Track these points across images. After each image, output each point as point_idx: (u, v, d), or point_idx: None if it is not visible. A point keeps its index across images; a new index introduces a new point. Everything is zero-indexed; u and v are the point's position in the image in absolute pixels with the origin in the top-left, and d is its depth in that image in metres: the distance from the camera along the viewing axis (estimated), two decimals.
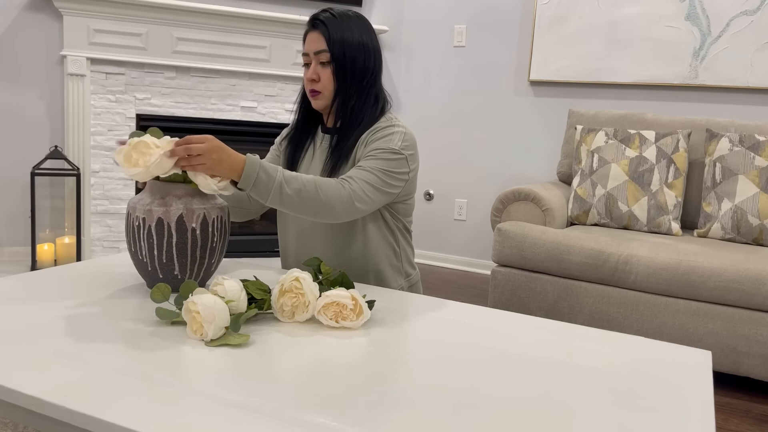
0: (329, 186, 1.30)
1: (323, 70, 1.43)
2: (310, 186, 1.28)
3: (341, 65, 1.42)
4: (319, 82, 1.44)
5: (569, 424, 0.82)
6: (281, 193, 1.25)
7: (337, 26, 1.41)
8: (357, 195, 1.33)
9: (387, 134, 1.42)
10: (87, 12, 3.05)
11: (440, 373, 0.96)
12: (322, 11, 1.44)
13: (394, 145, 1.41)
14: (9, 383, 0.84)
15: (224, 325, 1.03)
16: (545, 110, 3.45)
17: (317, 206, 1.29)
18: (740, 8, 2.90)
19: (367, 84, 1.46)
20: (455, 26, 3.65)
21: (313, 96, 1.46)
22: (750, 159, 2.45)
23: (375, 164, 1.38)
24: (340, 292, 1.12)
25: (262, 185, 1.24)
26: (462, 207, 3.73)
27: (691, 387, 0.97)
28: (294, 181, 1.27)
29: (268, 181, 1.24)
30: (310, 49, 1.44)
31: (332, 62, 1.42)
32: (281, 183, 1.25)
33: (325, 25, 1.41)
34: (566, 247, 2.28)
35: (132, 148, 1.18)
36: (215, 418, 0.78)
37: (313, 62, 1.44)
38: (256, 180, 1.23)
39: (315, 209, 1.29)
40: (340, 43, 1.41)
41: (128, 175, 1.18)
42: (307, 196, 1.27)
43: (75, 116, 3.13)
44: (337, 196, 1.30)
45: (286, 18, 3.32)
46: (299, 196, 1.27)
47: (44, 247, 3.04)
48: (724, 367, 2.10)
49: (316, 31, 1.43)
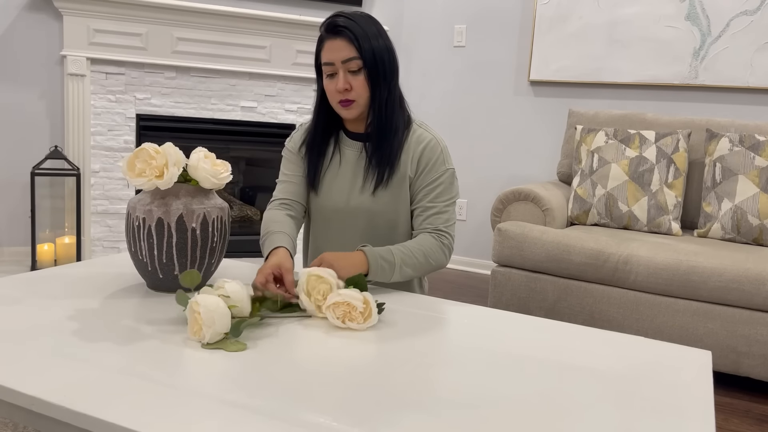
0: (433, 251, 1.43)
1: (354, 78, 1.38)
2: (421, 258, 1.41)
3: (374, 71, 1.39)
4: (352, 91, 1.39)
5: (569, 424, 0.82)
6: (401, 274, 1.38)
7: (360, 31, 1.36)
8: (450, 241, 1.48)
9: (437, 154, 1.48)
10: (87, 12, 3.05)
11: (440, 373, 0.96)
12: (336, 16, 1.39)
13: (449, 164, 1.50)
14: (9, 383, 0.84)
15: (223, 331, 1.02)
16: (545, 110, 3.45)
17: (429, 270, 1.44)
18: (740, 8, 2.90)
19: (395, 85, 1.45)
20: (455, 26, 3.65)
21: (345, 105, 1.41)
22: (750, 159, 2.45)
23: (448, 199, 1.49)
24: (353, 293, 1.12)
25: (386, 274, 1.36)
26: (462, 207, 3.73)
27: (691, 387, 0.97)
28: (408, 258, 1.39)
29: (389, 268, 1.36)
30: (336, 58, 1.37)
31: (365, 69, 1.38)
32: (401, 266, 1.37)
33: (350, 32, 1.36)
34: (566, 247, 2.28)
35: (134, 157, 1.19)
36: (215, 418, 0.78)
37: (341, 71, 1.37)
38: (380, 271, 1.34)
39: (427, 272, 1.45)
40: (369, 49, 1.37)
41: (136, 186, 1.19)
42: (421, 268, 1.42)
43: (75, 116, 3.13)
44: (442, 255, 1.45)
45: (286, 18, 3.32)
46: (415, 270, 1.41)
47: (44, 247, 3.04)
48: (724, 367, 2.10)
49: (339, 38, 1.37)
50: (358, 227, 1.51)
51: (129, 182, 1.19)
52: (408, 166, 1.47)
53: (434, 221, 1.47)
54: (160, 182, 1.17)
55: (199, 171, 1.22)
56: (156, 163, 1.17)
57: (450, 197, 1.50)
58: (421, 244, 1.42)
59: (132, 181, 1.18)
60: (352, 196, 1.50)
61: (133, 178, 1.18)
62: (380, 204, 1.48)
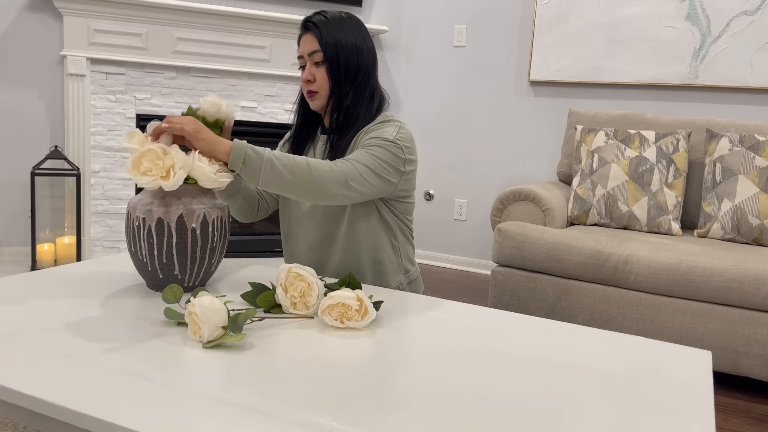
0: (321, 164, 1.29)
1: (318, 70, 1.45)
2: (301, 162, 1.27)
3: (334, 63, 1.44)
4: (315, 82, 1.46)
5: (569, 424, 0.82)
6: (272, 169, 1.24)
7: (328, 27, 1.44)
8: (351, 175, 1.32)
9: (382, 127, 1.45)
10: (87, 12, 3.05)
11: (440, 373, 0.96)
12: (314, 14, 1.47)
13: (389, 135, 1.41)
14: (9, 383, 0.84)
15: (221, 324, 1.02)
16: (545, 110, 3.45)
17: (310, 184, 1.27)
18: (740, 8, 2.90)
19: (362, 81, 1.47)
20: (455, 26, 3.65)
21: (310, 96, 1.48)
22: (750, 159, 2.45)
23: (370, 150, 1.39)
24: (345, 293, 1.12)
25: (252, 163, 1.23)
26: (462, 207, 3.73)
27: (691, 387, 0.97)
28: (284, 158, 1.26)
29: (257, 158, 1.23)
30: (304, 51, 1.46)
31: (326, 61, 1.44)
32: (271, 159, 1.24)
33: (316, 27, 1.44)
34: (566, 247, 2.28)
35: (141, 156, 1.17)
36: (215, 418, 0.78)
37: (307, 63, 1.46)
38: (245, 158, 1.22)
39: (308, 188, 1.27)
40: (332, 42, 1.43)
41: (140, 185, 1.18)
42: (299, 173, 1.26)
43: (75, 116, 3.13)
44: (329, 173, 1.29)
45: (286, 18, 3.32)
46: (291, 172, 1.25)
47: (44, 247, 3.04)
48: (724, 367, 2.10)
49: (308, 33, 1.46)
50: (324, 221, 1.52)
51: (134, 180, 1.18)
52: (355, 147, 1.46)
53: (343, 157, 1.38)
54: (165, 183, 1.17)
55: (196, 170, 1.22)
56: (163, 164, 1.17)
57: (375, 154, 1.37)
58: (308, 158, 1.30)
59: (136, 179, 1.17)
60: None
61: (138, 177, 1.17)
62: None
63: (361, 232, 1.49)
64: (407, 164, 1.44)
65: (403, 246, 1.57)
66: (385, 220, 1.52)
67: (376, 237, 1.51)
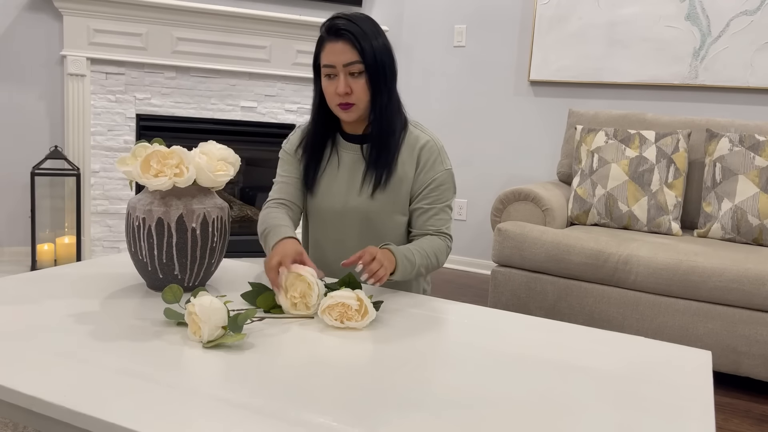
0: (442, 252, 1.49)
1: (355, 81, 1.38)
2: (433, 259, 1.45)
3: (376, 75, 1.39)
4: (353, 94, 1.39)
5: (569, 424, 0.82)
6: (416, 273, 1.41)
7: (362, 34, 1.36)
8: (451, 242, 1.53)
9: (435, 154, 1.50)
10: (87, 12, 3.05)
11: (440, 373, 0.96)
12: (336, 18, 1.38)
13: (447, 165, 1.51)
14: (9, 383, 0.84)
15: (220, 324, 1.03)
16: (545, 110, 3.45)
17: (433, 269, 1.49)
18: (740, 8, 2.90)
19: (394, 88, 1.46)
20: (455, 26, 3.65)
21: (345, 109, 1.40)
22: (750, 159, 2.45)
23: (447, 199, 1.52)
24: (344, 293, 1.12)
25: (407, 272, 1.38)
26: (462, 207, 3.73)
27: (691, 387, 0.97)
28: (424, 259, 1.42)
29: (411, 267, 1.38)
30: (337, 61, 1.37)
31: (366, 73, 1.38)
32: (419, 266, 1.40)
33: (352, 35, 1.35)
34: (566, 247, 2.28)
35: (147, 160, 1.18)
36: (215, 418, 0.78)
37: (341, 74, 1.37)
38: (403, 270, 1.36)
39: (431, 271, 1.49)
40: (371, 52, 1.36)
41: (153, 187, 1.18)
42: (431, 267, 1.46)
43: (75, 116, 3.13)
44: (445, 256, 1.50)
45: (286, 18, 3.32)
46: (426, 270, 1.45)
47: (44, 247, 3.04)
48: (724, 367, 2.10)
49: (341, 41, 1.36)
50: (356, 228, 1.51)
51: (146, 184, 1.18)
52: (406, 167, 1.48)
53: (436, 223, 1.51)
54: (180, 180, 1.18)
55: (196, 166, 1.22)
56: (173, 162, 1.18)
57: (448, 198, 1.53)
58: (432, 246, 1.46)
59: (148, 183, 1.17)
60: (350, 197, 1.50)
61: (150, 180, 1.17)
62: (378, 205, 1.49)
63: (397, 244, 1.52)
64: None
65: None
66: (405, 232, 1.56)
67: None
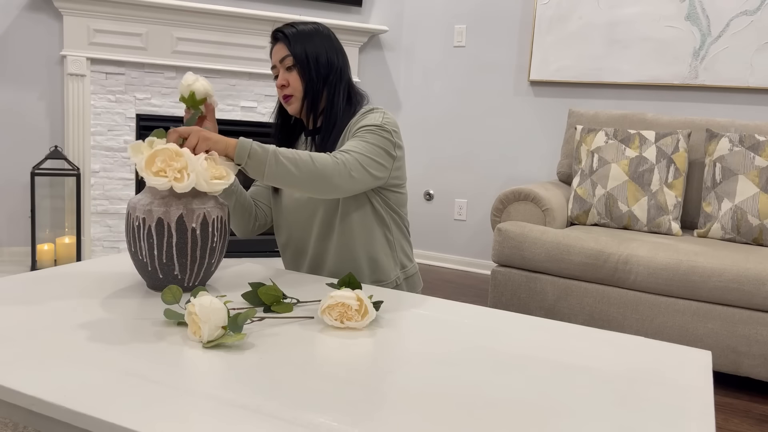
0: (323, 157, 1.33)
1: (290, 74, 1.50)
2: (304, 156, 1.31)
3: (304, 64, 1.48)
4: (289, 86, 1.50)
5: (569, 424, 0.82)
6: (277, 162, 1.27)
7: (294, 34, 1.49)
8: (351, 164, 1.36)
9: (366, 116, 1.49)
10: (87, 12, 3.05)
11: (440, 373, 0.96)
12: (283, 26, 1.52)
13: (376, 121, 1.46)
14: (9, 383, 0.84)
15: (220, 324, 1.02)
16: (545, 110, 3.45)
17: (314, 176, 1.30)
18: (740, 8, 2.90)
19: (335, 80, 1.51)
20: (455, 26, 3.65)
21: (286, 101, 1.52)
22: (750, 159, 2.45)
23: (364, 138, 1.43)
24: (345, 293, 1.12)
25: (257, 157, 1.26)
26: (462, 207, 3.73)
27: (691, 387, 0.97)
28: (288, 152, 1.30)
29: (262, 153, 1.26)
30: (275, 60, 1.51)
31: (296, 64, 1.48)
32: (275, 153, 1.27)
33: (284, 35, 1.49)
34: (566, 247, 2.28)
35: (155, 155, 1.17)
36: (215, 418, 0.78)
37: (280, 71, 1.51)
38: (250, 152, 1.25)
39: (312, 180, 1.31)
40: (301, 47, 1.49)
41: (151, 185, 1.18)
42: (303, 166, 1.29)
43: (75, 116, 3.13)
44: (332, 165, 1.33)
45: (286, 18, 3.32)
46: (295, 166, 1.28)
47: (44, 247, 3.04)
48: (724, 367, 2.10)
49: (278, 43, 1.51)
50: (317, 219, 1.53)
51: (146, 180, 1.18)
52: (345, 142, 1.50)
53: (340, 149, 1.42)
54: (178, 185, 1.17)
55: (199, 177, 1.22)
56: (177, 165, 1.17)
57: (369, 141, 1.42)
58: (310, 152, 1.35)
59: (148, 179, 1.17)
60: None
61: (150, 176, 1.17)
62: None
63: (355, 226, 1.51)
64: (397, 149, 1.48)
65: (398, 240, 1.58)
66: (378, 213, 1.53)
67: (371, 231, 1.52)
